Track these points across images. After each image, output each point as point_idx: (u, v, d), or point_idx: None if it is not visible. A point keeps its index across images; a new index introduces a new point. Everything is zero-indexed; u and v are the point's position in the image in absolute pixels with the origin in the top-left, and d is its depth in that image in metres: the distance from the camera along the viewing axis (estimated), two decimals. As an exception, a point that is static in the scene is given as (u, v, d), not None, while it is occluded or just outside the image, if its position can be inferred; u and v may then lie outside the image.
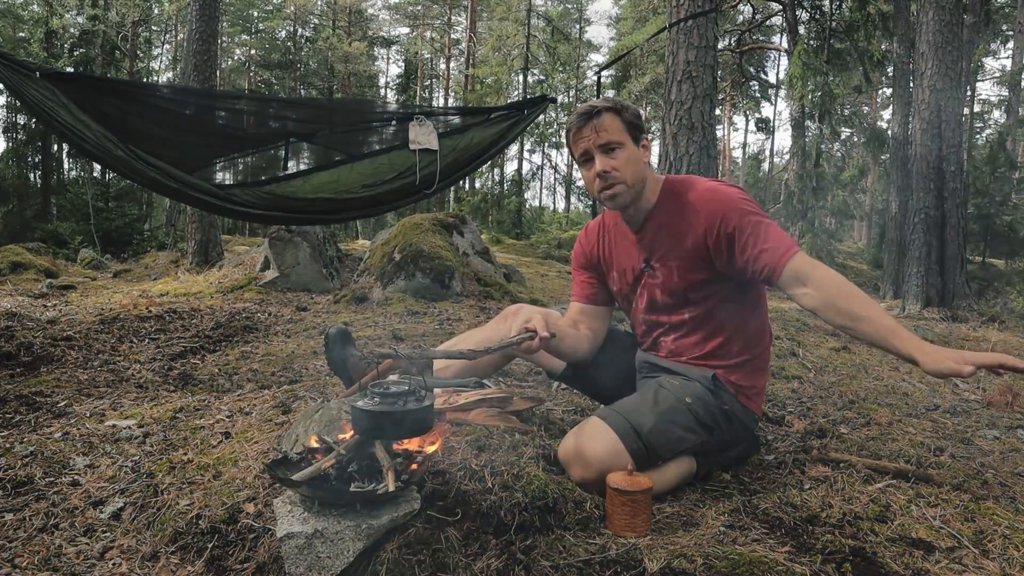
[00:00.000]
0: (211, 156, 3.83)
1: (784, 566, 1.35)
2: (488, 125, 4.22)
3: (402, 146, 3.99)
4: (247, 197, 3.74)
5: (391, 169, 3.97)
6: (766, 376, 1.99)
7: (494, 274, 7.91)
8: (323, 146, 4.12)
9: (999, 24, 18.86)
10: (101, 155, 3.27)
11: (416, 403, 1.43)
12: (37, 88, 3.12)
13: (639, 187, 1.84)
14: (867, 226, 25.69)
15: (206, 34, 9.02)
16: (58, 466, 1.96)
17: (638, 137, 1.84)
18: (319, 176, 4.00)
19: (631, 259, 1.95)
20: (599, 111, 1.80)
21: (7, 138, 23.17)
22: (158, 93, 3.99)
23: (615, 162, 1.80)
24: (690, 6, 5.10)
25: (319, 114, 4.32)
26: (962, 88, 8.44)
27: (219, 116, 3.92)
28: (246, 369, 3.59)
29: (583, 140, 1.82)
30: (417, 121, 3.96)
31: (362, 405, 1.42)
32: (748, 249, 1.70)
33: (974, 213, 11.86)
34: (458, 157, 4.08)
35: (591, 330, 2.05)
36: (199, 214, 9.79)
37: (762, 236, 1.69)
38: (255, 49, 31.04)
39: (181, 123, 3.72)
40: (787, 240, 1.70)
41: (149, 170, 3.36)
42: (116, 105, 3.41)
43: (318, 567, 1.28)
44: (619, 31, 29.03)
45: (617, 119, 1.81)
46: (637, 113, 1.87)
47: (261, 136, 3.99)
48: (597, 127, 1.79)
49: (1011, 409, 3.02)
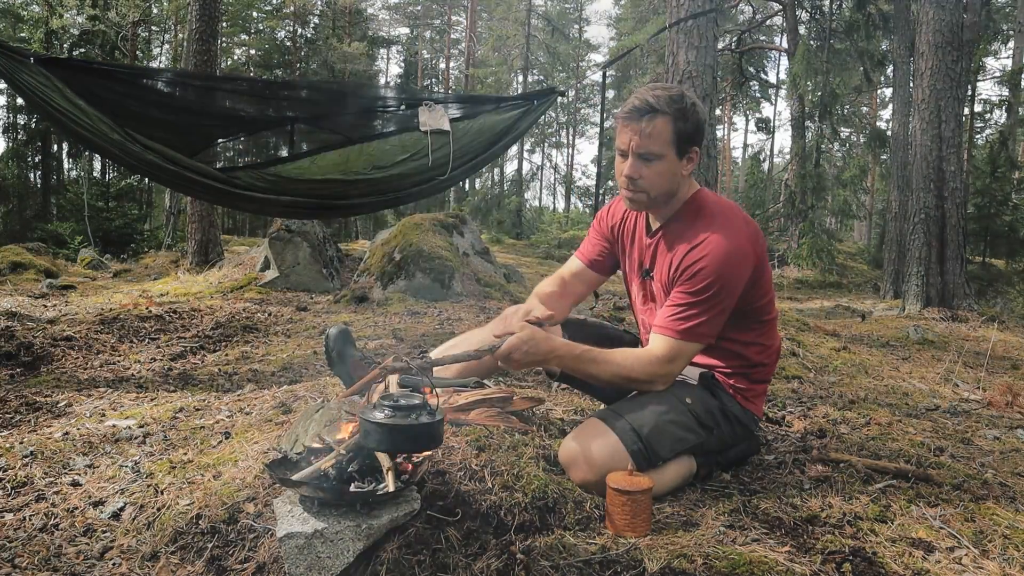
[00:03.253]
0: (212, 137, 3.68)
1: (784, 566, 1.35)
2: (499, 112, 4.12)
3: (413, 128, 3.86)
4: (250, 180, 3.57)
5: (403, 150, 3.83)
6: (767, 385, 1.99)
7: (494, 274, 7.90)
8: (330, 129, 3.93)
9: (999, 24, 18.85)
10: (97, 139, 3.17)
11: (429, 417, 1.39)
12: (31, 74, 3.04)
13: (662, 200, 1.77)
14: (867, 226, 25.68)
15: (206, 34, 9.01)
16: (58, 466, 1.96)
17: (685, 149, 1.72)
18: (327, 156, 3.83)
19: (640, 257, 1.94)
20: (655, 113, 1.67)
21: (7, 138, 23.16)
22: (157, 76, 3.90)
23: (647, 171, 1.71)
24: (690, 6, 5.10)
25: (325, 97, 4.10)
26: (962, 88, 8.44)
27: (220, 98, 3.78)
28: (246, 369, 3.59)
29: (626, 135, 1.71)
30: (427, 106, 3.85)
31: (373, 418, 1.37)
32: (670, 300, 1.75)
33: (974, 213, 11.86)
34: (470, 142, 3.94)
35: (576, 295, 2.10)
36: (199, 214, 9.77)
37: (684, 305, 1.70)
38: (255, 49, 31.01)
39: (181, 104, 3.58)
40: (690, 324, 1.70)
41: (147, 153, 3.24)
42: (112, 88, 3.30)
43: (318, 567, 1.28)
44: (619, 31, 29.04)
45: (670, 127, 1.68)
46: (699, 123, 1.72)
47: (264, 118, 3.84)
48: (643, 131, 1.67)
49: (1011, 409, 3.02)
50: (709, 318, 1.70)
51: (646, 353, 1.76)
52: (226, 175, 3.55)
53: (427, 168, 3.81)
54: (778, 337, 1.98)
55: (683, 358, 1.75)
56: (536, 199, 37.66)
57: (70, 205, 15.83)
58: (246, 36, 31.79)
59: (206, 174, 3.46)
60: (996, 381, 3.63)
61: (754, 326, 1.87)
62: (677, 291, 1.74)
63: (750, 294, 1.77)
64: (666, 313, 1.75)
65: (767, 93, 27.06)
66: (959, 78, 7.74)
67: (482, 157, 4.12)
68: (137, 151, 3.24)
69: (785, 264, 14.73)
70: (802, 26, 15.96)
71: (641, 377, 1.75)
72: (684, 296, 1.72)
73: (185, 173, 3.39)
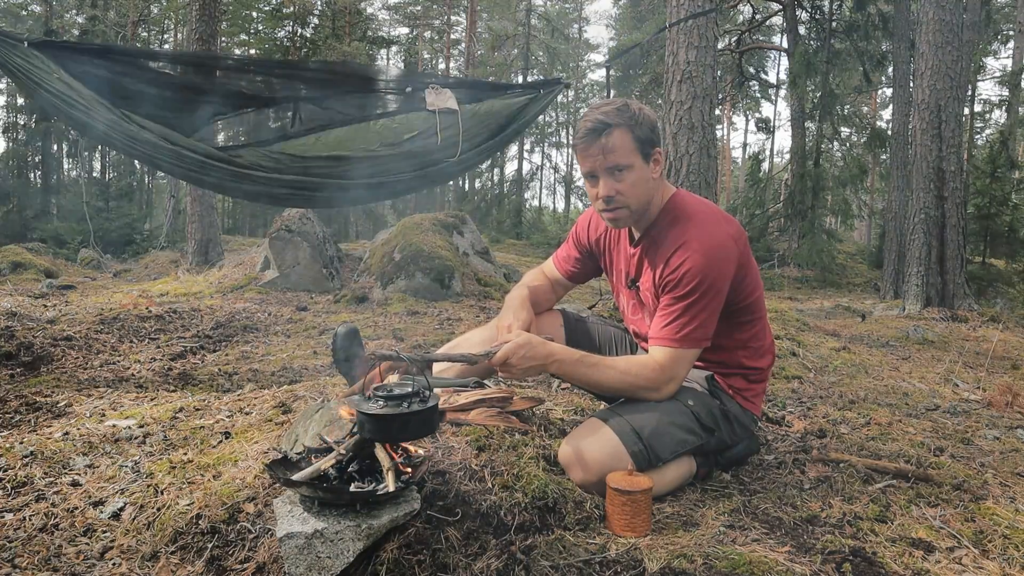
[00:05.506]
0: (212, 113, 3.53)
1: (784, 566, 1.35)
2: (505, 97, 4.06)
3: (419, 108, 3.78)
4: (254, 158, 3.44)
5: (410, 129, 3.75)
6: (765, 384, 1.99)
7: (494, 274, 7.91)
8: (334, 109, 3.81)
9: (999, 24, 18.86)
10: (92, 121, 3.08)
11: (421, 404, 1.41)
12: (24, 57, 2.98)
13: (643, 210, 1.77)
14: (867, 226, 25.67)
15: (206, 34, 9.03)
16: (58, 466, 1.96)
17: (649, 153, 1.71)
18: (333, 132, 3.72)
19: (626, 268, 1.94)
20: (609, 128, 1.66)
21: (7, 138, 23.12)
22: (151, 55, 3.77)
23: (621, 185, 1.70)
24: (690, 6, 5.10)
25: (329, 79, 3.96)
26: (962, 88, 8.43)
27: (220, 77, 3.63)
28: (246, 369, 3.59)
29: (589, 159, 1.70)
30: (433, 89, 3.78)
31: (367, 408, 1.40)
32: (660, 309, 1.75)
33: (974, 213, 11.84)
34: (477, 124, 3.86)
35: (556, 296, 2.23)
36: (199, 214, 9.77)
37: (675, 312, 1.71)
38: (255, 49, 31.01)
39: (179, 82, 3.47)
40: (686, 331, 1.70)
41: (143, 132, 3.14)
42: (108, 68, 3.20)
43: (318, 567, 1.28)
44: (618, 31, 29.05)
45: (628, 136, 1.67)
46: (652, 124, 1.72)
47: (267, 98, 3.70)
48: (605, 147, 1.67)
49: (1011, 409, 3.02)
50: (702, 320, 1.70)
51: (649, 360, 1.75)
52: (228, 154, 3.43)
53: (436, 148, 3.70)
54: (771, 336, 1.98)
55: (685, 364, 1.74)
56: (536, 199, 37.70)
57: (70, 205, 15.82)
58: (246, 36, 31.79)
59: (207, 153, 3.34)
60: (996, 381, 3.63)
61: (745, 326, 1.86)
62: (666, 299, 1.74)
63: (737, 292, 1.77)
64: (659, 323, 1.74)
65: (767, 93, 27.03)
66: (959, 78, 7.73)
67: (490, 143, 4.02)
68: (134, 131, 3.15)
69: (785, 264, 14.72)
70: (802, 26, 15.94)
71: (646, 384, 1.74)
72: (674, 302, 1.71)
73: (184, 152, 3.27)
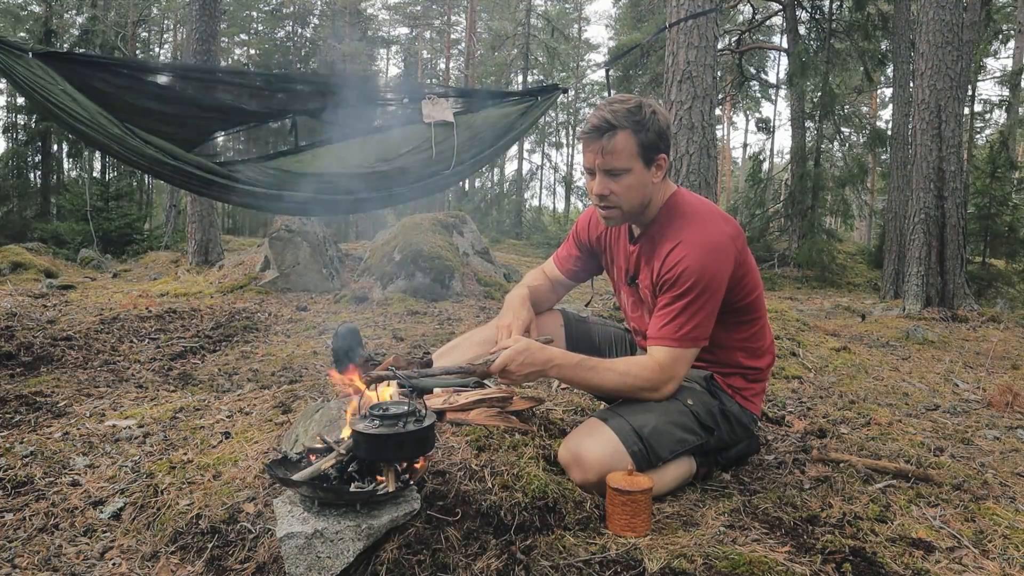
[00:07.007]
0: (212, 130, 3.63)
1: (784, 566, 1.35)
2: (502, 106, 4.07)
3: (416, 121, 3.82)
4: (252, 174, 3.51)
5: (406, 142, 3.78)
6: (764, 384, 1.99)
7: (494, 274, 7.91)
8: (331, 122, 3.86)
9: (999, 24, 18.85)
10: (96, 134, 3.13)
11: (416, 424, 1.40)
12: (29, 68, 3.01)
13: (637, 212, 1.77)
14: (867, 226, 25.66)
15: (206, 34, 9.03)
16: (58, 466, 1.96)
17: (652, 158, 1.70)
18: (330, 149, 3.78)
19: (626, 265, 1.94)
20: (614, 130, 1.65)
21: (7, 138, 23.10)
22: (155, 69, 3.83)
23: (615, 187, 1.70)
24: (690, 6, 5.10)
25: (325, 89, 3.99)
26: (962, 88, 8.43)
27: (220, 91, 3.69)
28: (246, 369, 3.59)
29: (589, 155, 1.70)
30: (430, 99, 3.80)
31: (363, 428, 1.39)
32: (658, 308, 1.75)
33: (974, 213, 11.84)
34: (474, 135, 3.89)
35: (557, 296, 2.20)
36: (199, 214, 9.77)
37: (674, 311, 1.70)
38: (255, 49, 31.02)
39: (180, 97, 3.53)
40: (684, 330, 1.70)
41: (146, 147, 3.20)
42: (112, 82, 3.25)
43: (318, 567, 1.28)
44: (618, 31, 29.05)
45: (631, 140, 1.66)
46: (660, 130, 1.69)
47: (265, 111, 3.77)
48: (605, 148, 1.66)
49: (1011, 409, 3.02)
50: (700, 320, 1.70)
51: (648, 360, 1.75)
52: (227, 169, 3.50)
53: (431, 161, 3.75)
54: (771, 336, 1.98)
55: (684, 364, 1.74)
56: (536, 199, 37.69)
57: (70, 205, 15.81)
58: (246, 36, 31.80)
59: (207, 168, 3.40)
60: (996, 381, 3.63)
61: (744, 325, 1.86)
62: (664, 298, 1.74)
63: (736, 292, 1.77)
64: (658, 323, 1.74)
65: (767, 93, 27.04)
66: (959, 78, 7.73)
67: (486, 153, 4.05)
68: (137, 145, 3.19)
69: (785, 264, 14.72)
70: (802, 26, 15.93)
71: (645, 385, 1.74)
72: (671, 302, 1.71)
73: (186, 168, 3.34)
